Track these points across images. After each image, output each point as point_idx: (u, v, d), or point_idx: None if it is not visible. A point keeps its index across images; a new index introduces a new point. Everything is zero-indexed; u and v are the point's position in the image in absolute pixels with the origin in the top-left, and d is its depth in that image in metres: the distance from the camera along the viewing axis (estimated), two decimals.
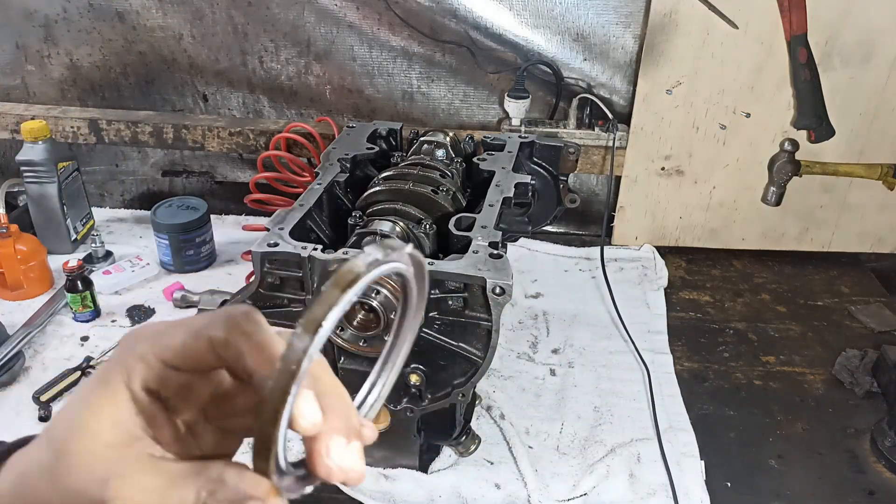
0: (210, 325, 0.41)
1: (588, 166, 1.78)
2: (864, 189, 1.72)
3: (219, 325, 0.40)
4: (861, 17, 1.54)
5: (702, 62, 1.62)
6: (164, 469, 0.39)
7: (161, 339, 0.42)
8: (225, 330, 0.40)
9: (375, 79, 1.82)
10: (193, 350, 0.41)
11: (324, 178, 1.19)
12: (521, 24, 1.71)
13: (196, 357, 0.41)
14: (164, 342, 0.41)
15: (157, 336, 0.42)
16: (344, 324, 1.00)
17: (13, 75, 1.88)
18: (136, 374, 0.41)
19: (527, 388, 1.37)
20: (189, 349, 0.41)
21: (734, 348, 1.50)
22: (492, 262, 0.97)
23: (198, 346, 0.40)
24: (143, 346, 0.42)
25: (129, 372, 0.41)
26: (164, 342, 0.41)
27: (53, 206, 1.66)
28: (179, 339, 0.41)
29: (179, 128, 1.81)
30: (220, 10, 1.75)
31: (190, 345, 0.41)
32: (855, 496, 1.18)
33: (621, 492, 1.15)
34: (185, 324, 0.42)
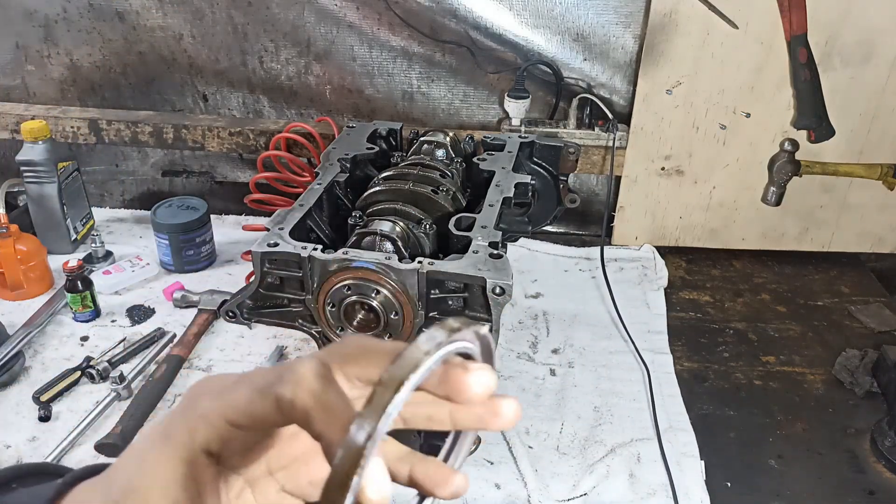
0: (276, 382, 0.38)
1: (588, 166, 1.78)
2: (864, 189, 1.72)
3: (286, 383, 0.37)
4: (861, 17, 1.54)
5: (702, 62, 1.62)
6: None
7: (225, 396, 0.40)
8: (292, 389, 0.37)
9: (375, 79, 1.82)
10: (259, 409, 0.38)
11: (324, 178, 1.19)
12: (521, 24, 1.71)
13: (261, 417, 0.38)
14: (228, 399, 0.39)
15: (221, 393, 0.40)
16: (344, 324, 1.00)
17: (13, 75, 1.88)
18: (198, 434, 0.39)
19: (527, 388, 1.37)
20: (255, 408, 0.38)
21: (734, 348, 1.50)
22: (492, 262, 0.97)
23: (264, 406, 0.38)
24: (206, 402, 0.40)
25: (191, 432, 0.39)
26: (228, 399, 0.39)
27: (53, 206, 1.66)
28: (245, 397, 0.39)
29: (179, 128, 1.81)
30: (220, 10, 1.75)
31: (256, 403, 0.38)
32: (855, 496, 1.18)
33: (621, 492, 1.15)
34: (250, 379, 0.40)
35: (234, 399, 0.39)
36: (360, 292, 0.96)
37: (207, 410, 0.39)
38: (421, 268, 0.95)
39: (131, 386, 1.30)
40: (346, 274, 0.96)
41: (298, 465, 0.45)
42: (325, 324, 1.01)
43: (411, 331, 0.99)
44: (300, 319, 1.05)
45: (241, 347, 1.44)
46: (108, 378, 1.32)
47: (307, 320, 1.05)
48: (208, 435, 0.39)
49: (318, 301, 0.99)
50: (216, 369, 1.38)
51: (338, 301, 0.98)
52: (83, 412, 1.25)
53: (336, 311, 0.98)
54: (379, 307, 0.96)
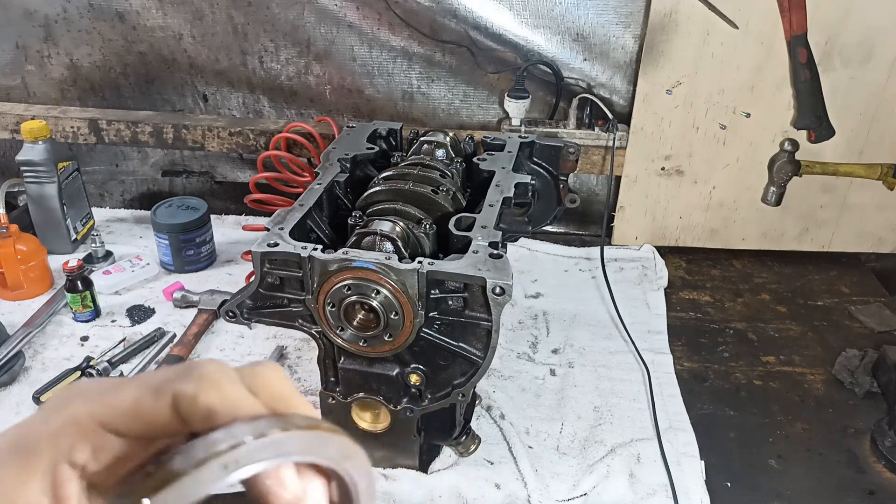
0: (175, 379, 0.33)
1: (588, 166, 1.78)
2: (864, 189, 1.72)
3: (186, 379, 0.33)
4: (861, 17, 1.54)
5: (702, 62, 1.62)
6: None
7: (104, 397, 0.34)
8: (195, 383, 0.33)
9: (375, 79, 1.82)
10: (149, 410, 0.33)
11: (324, 178, 1.19)
12: (521, 24, 1.71)
13: (150, 419, 0.33)
14: (108, 401, 0.34)
15: (99, 394, 0.34)
16: (344, 324, 1.00)
17: (13, 75, 1.88)
18: (63, 441, 0.33)
19: (527, 388, 1.37)
20: (144, 409, 0.33)
21: (734, 348, 1.50)
22: (492, 262, 0.97)
23: (156, 406, 0.33)
24: (78, 405, 0.34)
25: (55, 438, 0.33)
26: (108, 401, 0.34)
27: (53, 206, 1.65)
28: (131, 398, 0.34)
29: (179, 128, 1.81)
30: (220, 10, 1.75)
31: (146, 403, 0.33)
32: (855, 496, 1.18)
33: (621, 492, 1.15)
34: (136, 380, 0.35)
35: (116, 400, 0.34)
36: (360, 292, 0.96)
37: (79, 413, 0.34)
38: (421, 268, 0.95)
39: None
40: (346, 274, 0.96)
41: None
42: (325, 324, 1.01)
43: (411, 331, 0.99)
44: (300, 319, 1.05)
45: (241, 347, 1.44)
46: None
47: (307, 320, 1.05)
48: (76, 442, 0.33)
49: (318, 301, 0.99)
50: None
51: (338, 301, 0.97)
52: None
53: (336, 311, 0.98)
54: (379, 307, 0.96)
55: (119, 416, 0.34)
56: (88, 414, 0.34)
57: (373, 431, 1.13)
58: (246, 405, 0.33)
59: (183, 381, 0.33)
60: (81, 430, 0.33)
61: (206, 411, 0.32)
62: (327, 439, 0.30)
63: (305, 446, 0.29)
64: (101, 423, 0.34)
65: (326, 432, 0.29)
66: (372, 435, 1.14)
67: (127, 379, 0.36)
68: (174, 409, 0.33)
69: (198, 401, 0.32)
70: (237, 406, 0.33)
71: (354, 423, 1.13)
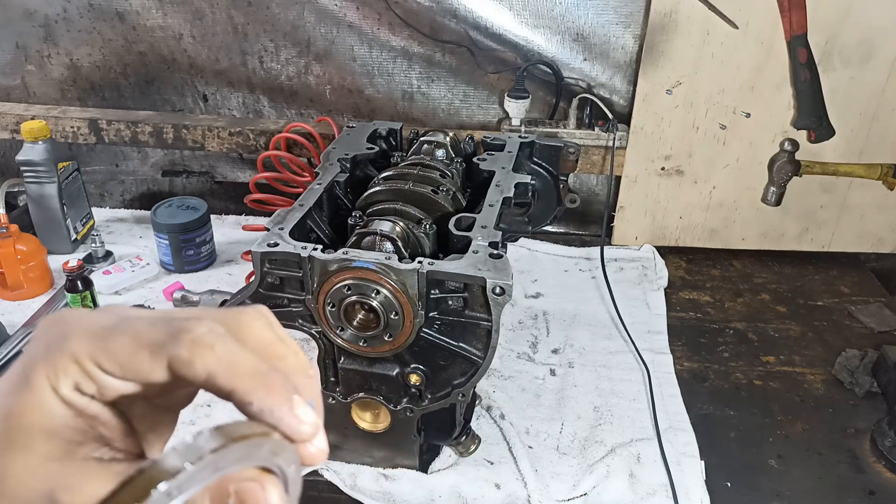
0: (168, 342, 0.34)
1: (588, 166, 1.78)
2: (864, 189, 1.72)
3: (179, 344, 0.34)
4: (861, 17, 1.54)
5: (702, 62, 1.62)
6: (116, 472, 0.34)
7: (101, 342, 0.35)
8: (189, 349, 0.34)
9: (375, 79, 1.82)
10: (144, 367, 0.34)
11: (324, 178, 1.19)
12: (521, 24, 1.71)
13: (144, 374, 0.34)
14: (106, 347, 0.35)
15: (97, 336, 0.35)
16: (344, 324, 1.00)
17: (13, 75, 1.88)
18: (67, 377, 0.34)
19: (527, 388, 1.37)
20: (138, 364, 0.34)
21: (734, 348, 1.50)
22: (492, 262, 0.97)
23: (152, 364, 0.34)
24: (77, 345, 0.35)
25: (57, 374, 0.34)
26: (106, 347, 0.35)
27: (53, 206, 1.65)
28: (127, 349, 0.34)
29: (179, 128, 1.81)
30: (220, 10, 1.75)
31: (142, 359, 0.34)
32: (855, 496, 1.18)
33: (621, 492, 1.15)
34: (132, 329, 0.35)
35: (113, 348, 0.34)
36: (360, 292, 0.96)
37: (79, 352, 0.34)
38: (421, 268, 0.95)
39: None
40: (346, 274, 0.96)
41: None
42: (325, 324, 1.01)
43: (411, 331, 0.99)
44: (300, 319, 1.05)
45: None
46: None
47: (307, 320, 1.05)
48: (79, 379, 0.35)
49: (318, 301, 0.99)
50: None
51: (338, 301, 0.97)
52: None
53: (336, 311, 0.98)
54: (379, 307, 0.96)
55: (116, 367, 0.34)
56: (88, 355, 0.34)
57: (373, 431, 1.13)
58: (240, 363, 0.34)
59: (176, 345, 0.34)
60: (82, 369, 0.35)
61: (204, 374, 0.34)
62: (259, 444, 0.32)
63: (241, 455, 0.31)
64: (99, 367, 0.35)
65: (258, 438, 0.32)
66: (372, 435, 1.14)
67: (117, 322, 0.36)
68: (170, 370, 0.34)
69: (194, 365, 0.33)
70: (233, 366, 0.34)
71: (354, 423, 1.13)
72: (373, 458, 1.17)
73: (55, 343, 0.35)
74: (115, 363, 0.34)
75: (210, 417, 1.25)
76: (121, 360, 0.34)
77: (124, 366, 0.34)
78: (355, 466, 1.17)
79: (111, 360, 0.34)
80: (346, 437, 1.16)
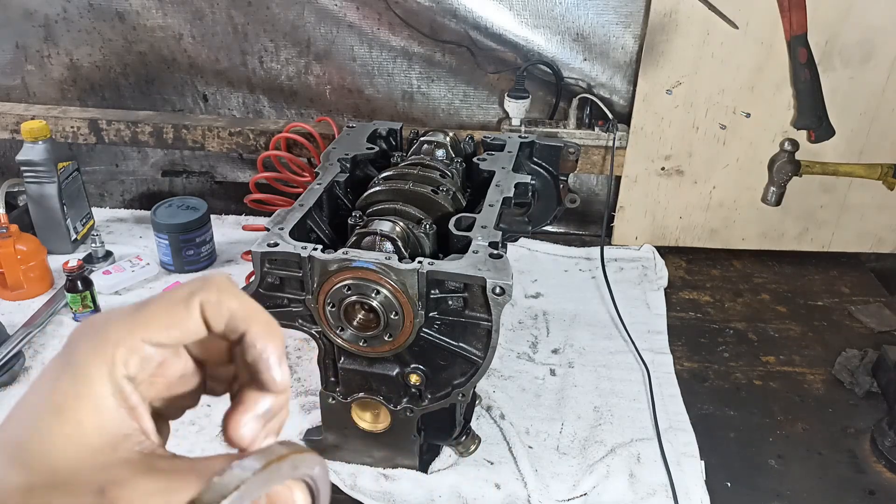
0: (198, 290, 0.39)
1: (588, 166, 1.78)
2: (864, 189, 1.72)
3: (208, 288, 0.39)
4: (861, 17, 1.54)
5: (702, 62, 1.62)
6: (161, 468, 0.36)
7: (140, 317, 0.38)
8: (216, 292, 0.39)
9: (375, 79, 1.82)
10: (182, 318, 0.39)
11: (324, 178, 1.19)
12: (521, 24, 1.71)
13: (184, 326, 0.39)
14: (146, 320, 0.38)
15: (132, 317, 0.38)
16: (344, 324, 1.00)
17: (13, 75, 1.88)
18: (118, 362, 0.37)
19: (527, 388, 1.37)
20: (177, 318, 0.38)
21: (734, 348, 1.50)
22: (492, 262, 0.97)
23: (189, 314, 0.39)
24: (117, 330, 0.38)
25: (111, 362, 0.37)
26: (146, 320, 0.38)
27: (53, 206, 1.65)
28: (164, 310, 0.39)
29: (179, 128, 1.81)
30: (220, 10, 1.75)
31: (178, 312, 0.38)
32: (855, 496, 1.18)
33: (621, 492, 1.15)
34: (161, 298, 0.39)
35: (150, 317, 0.38)
36: (360, 292, 0.96)
37: (123, 335, 0.38)
38: (421, 268, 0.95)
39: None
40: (346, 274, 0.96)
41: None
42: (325, 324, 1.01)
43: (411, 331, 0.99)
44: (300, 319, 1.05)
45: None
46: None
47: (307, 320, 1.05)
48: (128, 360, 0.38)
49: (318, 301, 0.99)
50: None
51: (338, 301, 0.97)
52: None
53: (336, 311, 0.98)
54: (379, 307, 0.96)
55: (158, 329, 0.38)
56: (129, 332, 0.38)
57: (373, 431, 1.13)
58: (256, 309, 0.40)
59: (206, 291, 0.39)
60: (130, 349, 0.38)
61: (228, 314, 0.39)
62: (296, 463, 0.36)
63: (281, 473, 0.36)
64: (142, 339, 0.38)
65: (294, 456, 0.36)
66: (372, 435, 1.14)
67: (140, 303, 0.39)
68: (202, 315, 0.39)
69: (221, 306, 0.39)
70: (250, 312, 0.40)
71: (354, 423, 1.13)
72: (373, 458, 1.17)
73: (100, 340, 0.38)
74: (157, 326, 0.38)
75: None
76: (162, 321, 0.38)
77: (167, 325, 0.38)
78: (355, 466, 1.17)
79: (153, 327, 0.38)
80: (346, 437, 1.16)
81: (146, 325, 0.38)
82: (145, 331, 0.38)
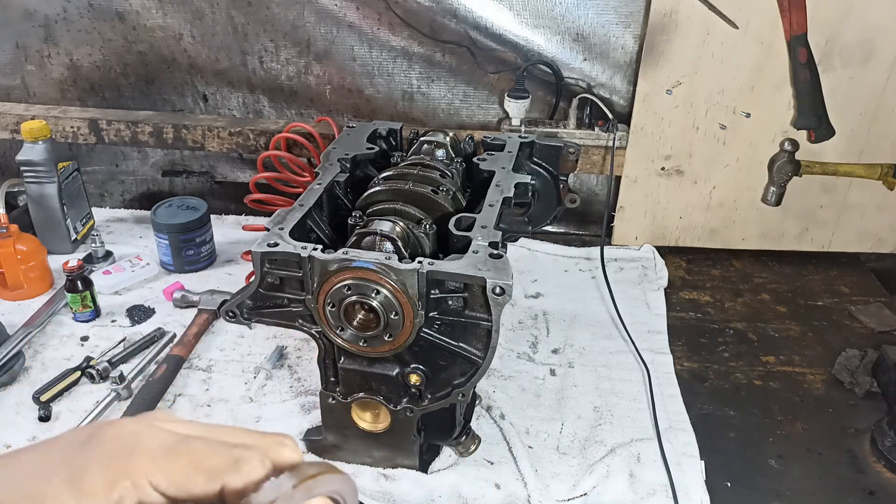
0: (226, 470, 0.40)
1: (588, 166, 1.78)
2: (864, 189, 1.72)
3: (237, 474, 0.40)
4: (861, 17, 1.54)
5: (702, 62, 1.62)
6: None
7: (161, 462, 0.39)
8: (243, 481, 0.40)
9: (375, 79, 1.82)
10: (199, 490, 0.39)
11: (324, 178, 1.19)
12: (521, 24, 1.71)
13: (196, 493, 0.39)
14: (164, 468, 0.39)
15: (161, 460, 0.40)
16: (344, 324, 1.00)
17: (13, 75, 1.88)
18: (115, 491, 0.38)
19: (527, 388, 1.37)
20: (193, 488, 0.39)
21: (734, 348, 1.50)
22: (492, 262, 0.97)
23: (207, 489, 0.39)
24: (139, 464, 0.39)
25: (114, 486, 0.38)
26: (164, 468, 0.39)
27: (53, 206, 1.65)
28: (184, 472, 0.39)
29: (179, 128, 1.81)
30: (220, 10, 1.75)
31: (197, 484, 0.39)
32: (855, 496, 1.18)
33: (621, 492, 1.15)
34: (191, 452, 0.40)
35: (172, 470, 0.39)
36: (360, 292, 0.96)
37: (137, 471, 0.39)
38: (421, 268, 0.95)
39: (131, 386, 1.30)
40: (346, 274, 0.96)
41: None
42: (325, 324, 1.01)
43: (411, 331, 0.99)
44: (300, 319, 1.05)
45: (241, 347, 1.44)
46: (108, 378, 1.32)
47: (307, 320, 1.05)
48: (128, 495, 0.38)
49: (318, 301, 0.99)
50: (216, 369, 1.38)
51: (338, 301, 0.97)
52: (83, 412, 1.25)
53: (336, 311, 0.98)
54: (379, 307, 0.96)
55: (170, 486, 0.39)
56: (145, 475, 0.39)
57: (373, 431, 1.13)
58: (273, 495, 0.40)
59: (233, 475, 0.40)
60: (136, 486, 0.39)
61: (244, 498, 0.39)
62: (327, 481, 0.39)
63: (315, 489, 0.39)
64: (152, 484, 0.39)
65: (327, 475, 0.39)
66: (372, 435, 1.14)
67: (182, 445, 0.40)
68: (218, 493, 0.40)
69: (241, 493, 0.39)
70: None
71: (354, 423, 1.13)
72: (373, 458, 1.17)
73: (120, 457, 0.39)
74: (172, 483, 0.39)
75: (210, 417, 1.26)
76: (178, 481, 0.39)
77: (180, 486, 0.39)
78: (355, 466, 1.17)
79: (169, 479, 0.39)
80: (346, 437, 1.16)
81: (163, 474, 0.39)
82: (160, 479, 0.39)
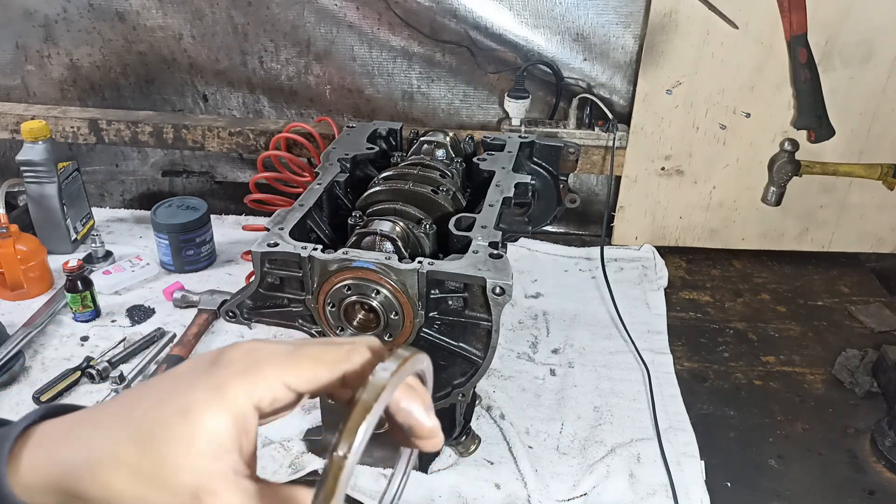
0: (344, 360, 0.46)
1: (588, 166, 1.78)
2: (864, 189, 1.72)
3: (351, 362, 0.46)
4: (861, 17, 1.54)
5: (702, 62, 1.62)
6: (247, 489, 0.42)
7: (293, 366, 0.45)
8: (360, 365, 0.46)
9: (375, 79, 1.82)
10: (325, 380, 0.46)
11: (324, 178, 1.19)
12: (521, 24, 1.71)
13: (323, 385, 0.46)
14: (293, 369, 0.45)
15: (288, 363, 0.45)
16: (344, 324, 1.00)
17: (13, 75, 1.88)
18: (256, 394, 0.44)
19: (527, 388, 1.37)
20: (321, 380, 0.46)
21: (734, 348, 1.50)
22: (492, 262, 0.97)
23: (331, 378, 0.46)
24: (272, 369, 0.45)
25: (251, 391, 0.43)
26: (293, 369, 0.45)
27: (53, 206, 1.65)
28: (310, 368, 0.46)
29: (179, 128, 1.81)
30: (220, 10, 1.75)
31: (323, 376, 0.46)
32: (855, 496, 1.18)
33: (621, 492, 1.15)
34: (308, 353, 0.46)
35: (300, 367, 0.45)
36: (360, 292, 0.96)
37: (271, 375, 0.44)
38: (421, 268, 0.95)
39: (131, 386, 1.30)
40: (346, 274, 0.96)
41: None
42: (325, 324, 1.01)
43: (411, 331, 0.99)
44: (300, 319, 1.05)
45: None
46: (108, 378, 1.32)
47: (307, 320, 1.05)
48: (266, 396, 0.44)
49: (318, 301, 0.99)
50: None
51: (338, 301, 0.97)
52: None
53: (336, 311, 0.98)
54: (379, 307, 0.96)
55: (301, 382, 0.45)
56: (278, 377, 0.45)
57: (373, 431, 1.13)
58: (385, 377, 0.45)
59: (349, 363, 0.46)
60: (270, 388, 0.44)
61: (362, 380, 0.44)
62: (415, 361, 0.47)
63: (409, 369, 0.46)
64: (285, 384, 0.45)
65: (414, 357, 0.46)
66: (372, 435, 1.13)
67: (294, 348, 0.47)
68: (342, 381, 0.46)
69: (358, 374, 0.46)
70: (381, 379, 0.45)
71: None
72: (373, 458, 1.17)
73: (252, 368, 0.45)
74: (302, 378, 0.45)
75: None
76: (307, 375, 0.46)
77: (309, 380, 0.46)
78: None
79: (299, 376, 0.45)
80: None
81: (296, 375, 0.45)
82: (293, 379, 0.45)
